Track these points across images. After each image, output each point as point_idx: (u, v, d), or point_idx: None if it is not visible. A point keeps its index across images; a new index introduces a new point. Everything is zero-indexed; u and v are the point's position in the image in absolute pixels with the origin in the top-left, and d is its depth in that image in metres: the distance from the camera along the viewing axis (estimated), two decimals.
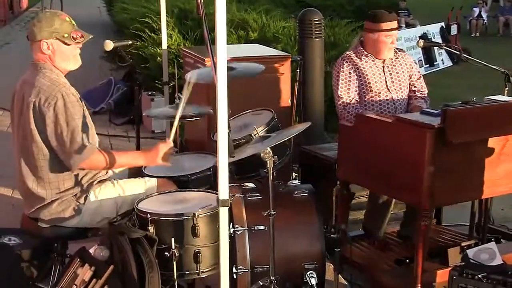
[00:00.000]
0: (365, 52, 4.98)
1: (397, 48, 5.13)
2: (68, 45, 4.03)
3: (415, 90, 5.10)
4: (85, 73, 4.19)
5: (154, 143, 6.23)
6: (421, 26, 20.19)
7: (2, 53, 15.47)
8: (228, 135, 3.30)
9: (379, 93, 4.94)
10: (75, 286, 3.68)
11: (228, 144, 3.27)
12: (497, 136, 4.17)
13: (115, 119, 8.91)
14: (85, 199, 4.06)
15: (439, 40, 16.90)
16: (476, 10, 25.51)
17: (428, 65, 16.50)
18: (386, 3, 17.74)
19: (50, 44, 3.99)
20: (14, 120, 4.09)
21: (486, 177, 4.20)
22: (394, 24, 4.96)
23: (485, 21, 25.34)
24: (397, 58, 5.06)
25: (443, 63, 17.57)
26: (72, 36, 4.03)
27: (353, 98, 4.90)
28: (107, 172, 4.25)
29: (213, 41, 3.39)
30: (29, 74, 4.04)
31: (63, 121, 3.83)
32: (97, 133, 4.23)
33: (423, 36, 16.40)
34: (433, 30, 19.12)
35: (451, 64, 17.46)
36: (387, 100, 4.94)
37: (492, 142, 4.17)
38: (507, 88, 4.88)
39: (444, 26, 19.96)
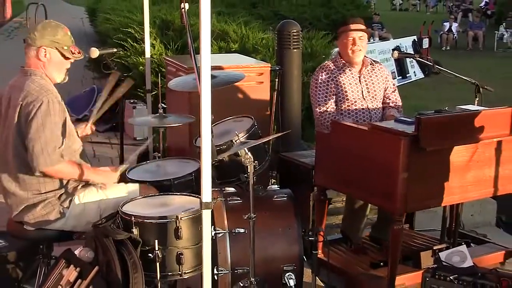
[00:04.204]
0: (343, 61, 5.05)
1: (373, 60, 5.19)
2: (65, 57, 4.06)
3: (389, 102, 5.15)
4: (69, 81, 4.18)
5: (135, 150, 6.24)
6: (394, 39, 20.37)
7: None
8: (211, 140, 3.33)
9: (355, 102, 4.98)
10: (60, 287, 3.67)
11: (211, 149, 3.29)
12: (468, 143, 4.22)
13: (98, 126, 8.82)
14: (70, 202, 4.04)
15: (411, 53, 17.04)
16: (447, 24, 25.82)
17: (400, 77, 16.65)
18: (360, 17, 17.83)
19: (48, 52, 4.00)
20: (1, 122, 4.07)
21: (457, 183, 4.24)
22: (360, 26, 5.05)
23: (455, 35, 25.63)
24: (373, 69, 5.11)
25: (415, 75, 17.74)
26: (71, 50, 4.07)
27: (330, 106, 4.94)
28: None
29: (196, 51, 3.42)
30: (17, 79, 4.02)
31: (41, 124, 3.81)
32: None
33: (396, 49, 16.53)
34: (406, 43, 19.32)
35: (423, 76, 17.64)
36: (362, 109, 4.98)
37: (462, 149, 4.21)
38: (477, 98, 4.93)
39: (416, 40, 20.17)
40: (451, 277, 3.72)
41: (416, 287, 4.18)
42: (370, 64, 5.11)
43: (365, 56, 5.13)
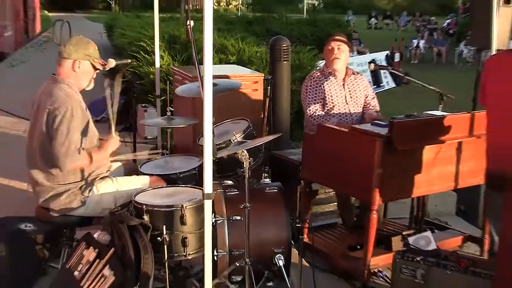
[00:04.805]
0: (329, 70, 5.06)
1: (356, 72, 5.21)
2: (95, 68, 4.12)
3: (369, 108, 5.14)
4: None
5: (146, 147, 6.22)
6: (370, 53, 20.40)
7: (18, 70, 15.37)
8: (212, 140, 3.32)
9: (339, 105, 4.98)
10: (81, 265, 3.66)
11: (212, 147, 3.29)
12: (433, 144, 4.22)
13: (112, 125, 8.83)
14: (89, 192, 4.05)
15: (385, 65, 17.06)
16: (415, 41, 25.88)
17: (375, 86, 16.64)
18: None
19: (82, 64, 4.05)
20: (31, 123, 4.07)
21: (424, 178, 4.24)
22: (340, 38, 5.07)
23: (422, 50, 25.67)
24: (355, 79, 5.12)
25: (388, 85, 17.74)
26: (99, 62, 4.13)
27: (318, 109, 4.94)
28: (107, 171, 4.25)
29: (199, 62, 3.41)
30: (47, 86, 4.03)
31: (66, 129, 3.83)
32: (100, 138, 4.23)
33: (372, 62, 16.54)
34: (380, 57, 19.34)
35: (395, 86, 17.62)
36: (345, 112, 4.98)
37: (429, 149, 4.21)
38: (441, 105, 4.93)
39: (389, 54, 20.20)
40: (418, 259, 3.72)
41: (388, 267, 4.17)
42: (353, 74, 5.13)
43: (347, 67, 5.14)
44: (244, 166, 3.82)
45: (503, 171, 3.05)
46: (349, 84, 5.07)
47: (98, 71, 4.18)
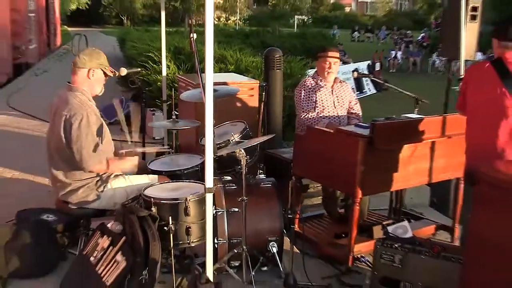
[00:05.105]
0: (319, 77, 5.04)
1: (342, 80, 5.20)
2: (106, 75, 4.12)
3: (353, 112, 5.12)
4: (104, 93, 4.18)
5: (153, 147, 6.19)
6: (353, 63, 20.41)
7: (42, 78, 15.36)
8: (213, 140, 3.31)
9: (329, 109, 4.96)
10: (96, 252, 3.66)
11: (212, 146, 3.28)
12: (410, 143, 4.21)
13: (125, 129, 8.80)
14: (104, 187, 4.05)
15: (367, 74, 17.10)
16: (393, 52, 25.93)
17: (358, 92, 16.67)
18: (328, 46, 17.88)
19: (95, 73, 4.04)
20: (50, 126, 4.06)
21: (401, 174, 4.23)
22: (336, 54, 5.07)
23: (399, 61, 25.71)
24: (342, 86, 5.11)
25: (370, 91, 17.77)
26: (110, 70, 4.13)
27: (309, 112, 4.92)
28: None
29: (201, 70, 3.40)
30: (64, 92, 4.01)
31: (85, 134, 3.83)
32: (112, 139, 4.22)
33: (355, 70, 16.55)
34: (362, 66, 19.37)
35: (376, 92, 17.65)
36: (333, 115, 4.97)
37: (406, 148, 4.20)
38: (416, 109, 4.93)
39: (370, 64, 20.23)
40: (396, 245, 3.70)
41: (370, 253, 4.16)
42: (340, 82, 5.12)
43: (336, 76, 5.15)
44: (242, 163, 3.81)
45: (477, 169, 3.05)
46: (336, 91, 5.06)
47: (108, 77, 4.17)
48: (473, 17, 5.82)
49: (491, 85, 3.56)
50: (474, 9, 5.80)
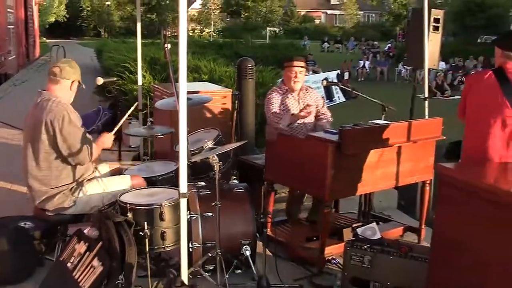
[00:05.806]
0: (285, 87, 5.02)
1: (308, 86, 5.19)
2: (79, 86, 4.13)
3: (321, 115, 5.12)
4: (82, 102, 4.14)
5: (130, 155, 6.14)
6: (323, 72, 20.57)
7: (21, 88, 15.21)
8: (187, 146, 3.29)
9: None
10: (73, 257, 3.61)
11: (186, 153, 3.25)
12: (377, 148, 4.23)
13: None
14: (79, 193, 4.00)
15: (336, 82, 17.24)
16: (361, 62, 26.23)
17: (328, 100, 16.80)
18: (295, 55, 18.01)
19: (74, 84, 4.05)
20: (26, 136, 3.98)
21: (370, 178, 4.24)
22: (301, 63, 5.02)
23: (367, 70, 25.99)
24: (308, 92, 5.09)
25: (339, 99, 17.92)
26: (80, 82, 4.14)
27: (278, 110, 4.88)
28: (93, 172, 4.19)
29: (175, 80, 3.37)
30: (40, 102, 3.94)
31: (73, 131, 3.84)
32: None
33: (325, 79, 16.63)
34: (332, 75, 19.53)
35: (345, 100, 17.81)
36: (300, 122, 4.94)
37: (373, 153, 4.22)
38: (384, 115, 4.96)
39: (339, 73, 20.41)
40: (365, 247, 3.72)
41: (340, 255, 4.16)
42: (305, 89, 5.10)
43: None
44: (215, 169, 3.79)
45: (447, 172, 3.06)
46: (302, 98, 5.04)
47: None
48: (436, 28, 5.91)
49: (492, 93, 3.54)
50: (437, 20, 5.89)
